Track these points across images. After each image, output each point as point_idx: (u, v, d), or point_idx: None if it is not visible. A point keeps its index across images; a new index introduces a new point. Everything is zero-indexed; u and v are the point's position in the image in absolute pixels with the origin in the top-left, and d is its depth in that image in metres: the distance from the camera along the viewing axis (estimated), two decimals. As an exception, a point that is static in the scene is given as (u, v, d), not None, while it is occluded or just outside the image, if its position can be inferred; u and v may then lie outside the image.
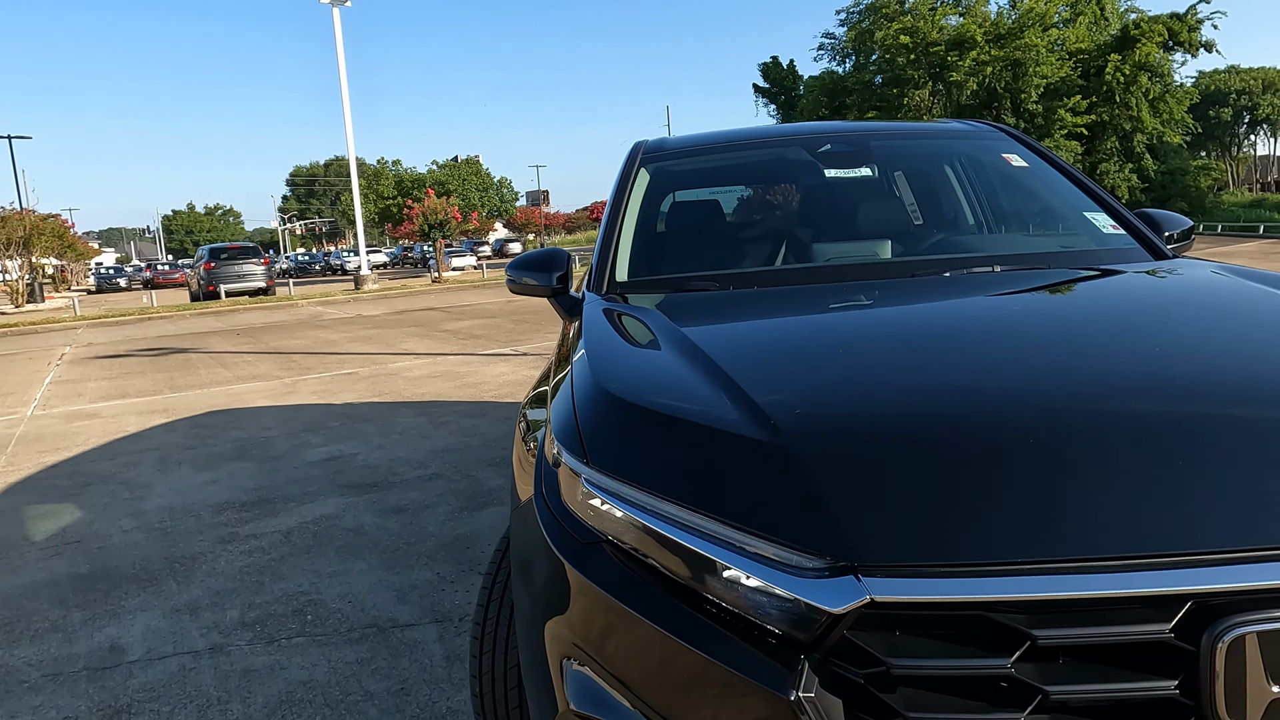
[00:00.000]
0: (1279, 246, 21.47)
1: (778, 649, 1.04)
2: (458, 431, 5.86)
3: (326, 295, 22.55)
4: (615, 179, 2.81)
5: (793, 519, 1.07)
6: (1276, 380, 1.28)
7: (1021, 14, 38.76)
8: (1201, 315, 1.64)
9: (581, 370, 1.56)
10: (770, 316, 1.91)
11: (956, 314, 1.82)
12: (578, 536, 1.27)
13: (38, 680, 2.73)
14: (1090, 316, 1.72)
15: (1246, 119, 79.98)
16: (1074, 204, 2.48)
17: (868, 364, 1.50)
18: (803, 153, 2.73)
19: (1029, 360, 1.46)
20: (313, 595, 3.26)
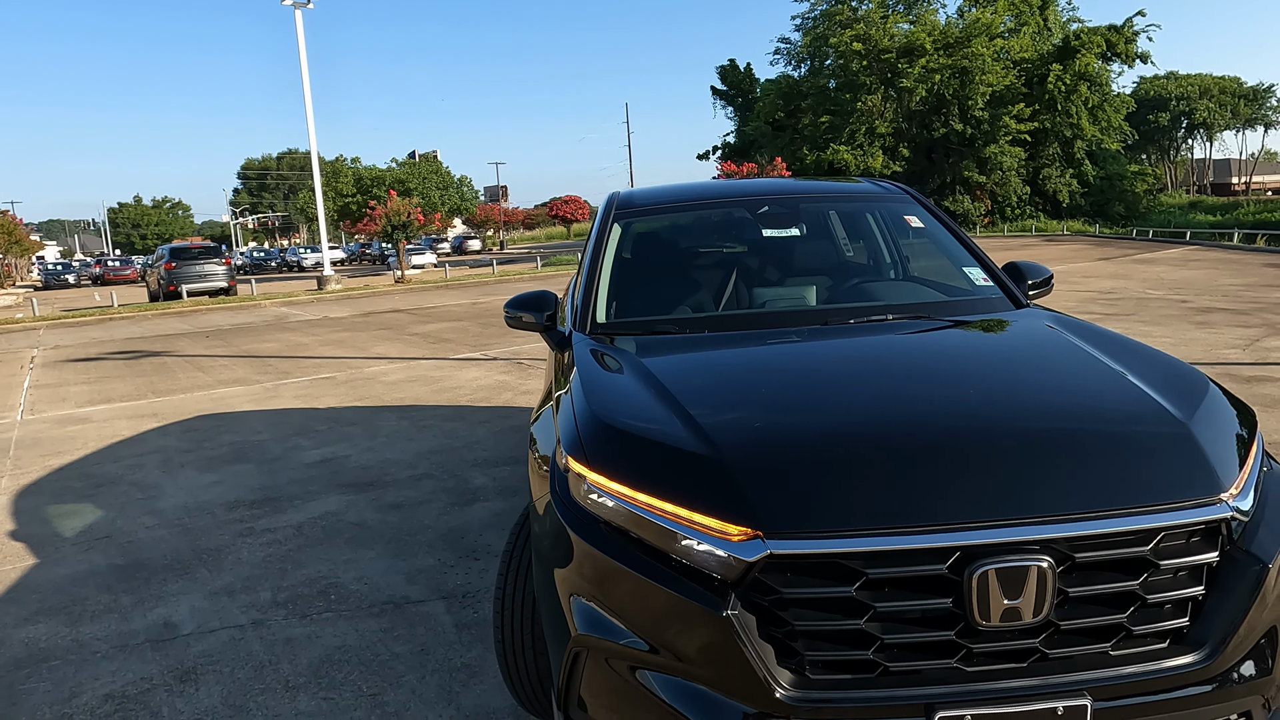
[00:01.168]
0: (1199, 254, 22.85)
1: (716, 586, 1.67)
2: (440, 435, 6.40)
3: (290, 295, 22.69)
4: (594, 229, 3.41)
5: (723, 505, 1.70)
6: (1015, 413, 1.96)
7: (969, 23, 40.18)
8: (999, 359, 2.33)
9: (579, 399, 2.17)
10: (712, 354, 2.54)
11: (853, 355, 2.47)
12: (583, 519, 1.88)
13: (108, 651, 3.24)
14: (944, 360, 2.39)
15: (1184, 124, 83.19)
16: (957, 259, 3.17)
17: (783, 393, 2.15)
18: (745, 214, 3.39)
19: (893, 389, 2.12)
20: (332, 579, 3.81)
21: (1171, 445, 1.80)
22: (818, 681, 1.63)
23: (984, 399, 2.04)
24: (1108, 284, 15.18)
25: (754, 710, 1.63)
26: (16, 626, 3.50)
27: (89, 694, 2.93)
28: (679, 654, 1.69)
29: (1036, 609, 1.60)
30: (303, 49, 23.15)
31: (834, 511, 1.65)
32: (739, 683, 1.63)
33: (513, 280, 25.35)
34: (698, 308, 3.05)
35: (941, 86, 39.79)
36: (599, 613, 1.80)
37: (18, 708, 2.87)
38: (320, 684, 2.91)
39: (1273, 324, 9.66)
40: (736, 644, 1.62)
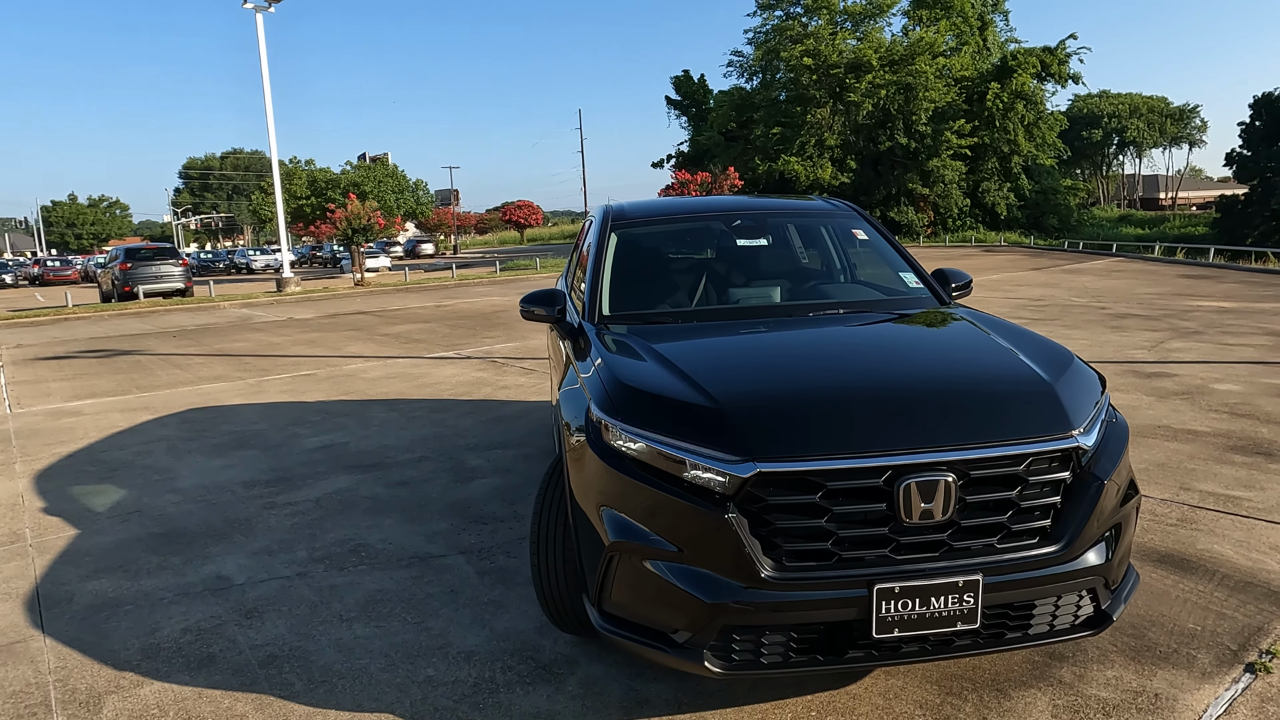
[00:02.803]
0: (1123, 265, 24.39)
1: (718, 499, 2.30)
2: (429, 424, 6.92)
3: (249, 297, 22.72)
4: (593, 238, 4.03)
5: (723, 441, 2.33)
6: (931, 378, 2.65)
7: (913, 41, 41.79)
8: (924, 342, 3.03)
9: (604, 370, 2.79)
10: (704, 338, 3.18)
11: (812, 337, 3.14)
12: (614, 457, 2.49)
13: (173, 598, 3.74)
14: (881, 340, 3.09)
15: (1115, 141, 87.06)
16: (894, 265, 3.87)
17: (761, 364, 2.81)
18: (722, 226, 4.06)
19: (841, 359, 2.80)
20: (359, 540, 4.34)
21: (1040, 399, 2.50)
22: (791, 566, 2.28)
23: (909, 367, 2.73)
24: (1038, 292, 16.31)
25: (746, 585, 2.26)
26: (81, 582, 3.96)
27: (168, 629, 3.43)
28: (690, 548, 2.32)
29: (944, 511, 2.28)
30: (263, 52, 23.22)
31: (803, 442, 2.31)
32: (735, 567, 2.27)
33: (472, 284, 25.74)
34: (685, 302, 3.70)
35: (887, 101, 41.33)
36: (629, 523, 2.42)
37: (107, 641, 3.35)
38: (369, 616, 3.46)
39: (1177, 328, 10.72)
40: (735, 538, 2.26)
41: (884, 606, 2.25)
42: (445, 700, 2.80)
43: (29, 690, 2.99)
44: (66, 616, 3.58)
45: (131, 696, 2.92)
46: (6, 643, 3.37)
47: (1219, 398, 6.62)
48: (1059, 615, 2.44)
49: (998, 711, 2.59)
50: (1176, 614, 3.14)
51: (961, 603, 2.28)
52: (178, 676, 3.04)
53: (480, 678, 2.93)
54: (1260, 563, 3.57)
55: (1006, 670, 2.81)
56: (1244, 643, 2.93)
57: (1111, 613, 2.49)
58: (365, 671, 3.02)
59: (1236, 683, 2.69)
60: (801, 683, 2.78)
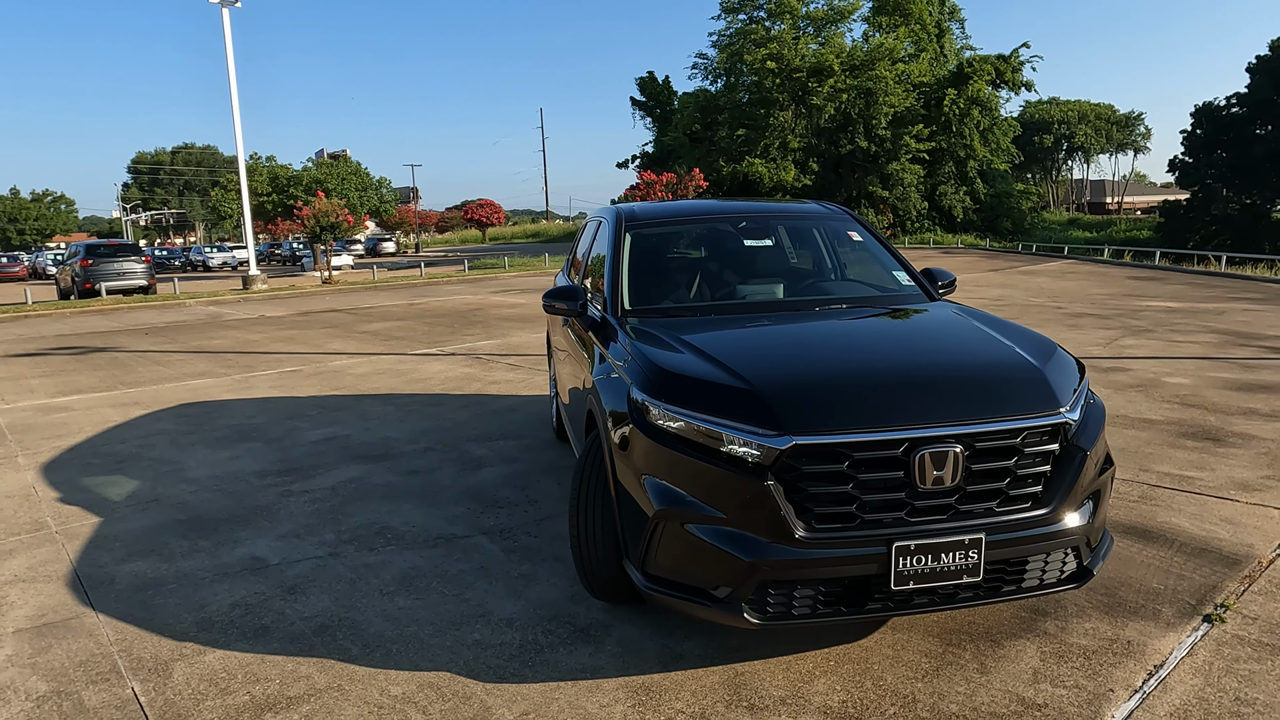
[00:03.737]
0: (1075, 267, 25.35)
1: (756, 468, 2.60)
2: (427, 418, 7.12)
3: (215, 295, 22.46)
4: (607, 238, 4.30)
5: (761, 417, 2.63)
6: (937, 363, 2.99)
7: (873, 47, 42.67)
8: (924, 332, 3.38)
9: (641, 358, 3.07)
10: (725, 329, 3.48)
11: (824, 329, 3.47)
12: (658, 434, 2.78)
13: (213, 578, 3.93)
14: (887, 331, 3.43)
15: (1065, 146, 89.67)
16: (887, 265, 4.22)
17: (784, 351, 3.12)
18: (728, 227, 4.37)
19: (855, 347, 3.13)
20: (382, 524, 4.56)
21: (1032, 381, 2.85)
22: (821, 527, 2.59)
23: (917, 354, 3.08)
24: (996, 292, 16.96)
25: (781, 545, 2.57)
26: (117, 564, 4.12)
27: (215, 604, 3.63)
28: (732, 513, 2.62)
29: (952, 479, 2.61)
30: (229, 48, 22.95)
31: (832, 418, 2.62)
32: (772, 529, 2.58)
33: (442, 283, 25.74)
34: (699, 298, 4.00)
35: (848, 106, 42.16)
36: (674, 493, 2.71)
37: (159, 616, 3.54)
38: (408, 590, 3.69)
39: (1129, 326, 11.34)
40: (773, 503, 2.56)
41: (901, 562, 2.57)
42: (496, 660, 3.06)
43: (96, 659, 3.18)
44: (112, 595, 3.75)
45: (197, 663, 3.12)
46: (60, 619, 3.54)
47: (1170, 390, 7.13)
48: (1048, 570, 2.79)
49: (994, 658, 2.94)
50: (1142, 576, 3.53)
51: (967, 558, 2.61)
52: (237, 645, 3.25)
53: (524, 640, 3.20)
54: (1212, 533, 3.99)
55: (998, 624, 3.16)
56: (1201, 599, 3.32)
57: (1092, 568, 2.85)
58: (416, 637, 3.26)
59: (1196, 631, 3.08)
60: (818, 637, 3.10)
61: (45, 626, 3.47)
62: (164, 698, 2.89)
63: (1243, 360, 8.57)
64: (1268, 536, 3.92)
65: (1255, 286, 18.35)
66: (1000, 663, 2.91)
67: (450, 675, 2.97)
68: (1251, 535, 3.94)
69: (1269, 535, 3.94)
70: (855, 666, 2.92)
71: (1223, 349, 9.31)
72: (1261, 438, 5.60)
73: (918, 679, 2.83)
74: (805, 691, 2.78)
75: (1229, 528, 4.04)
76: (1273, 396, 6.81)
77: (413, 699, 2.83)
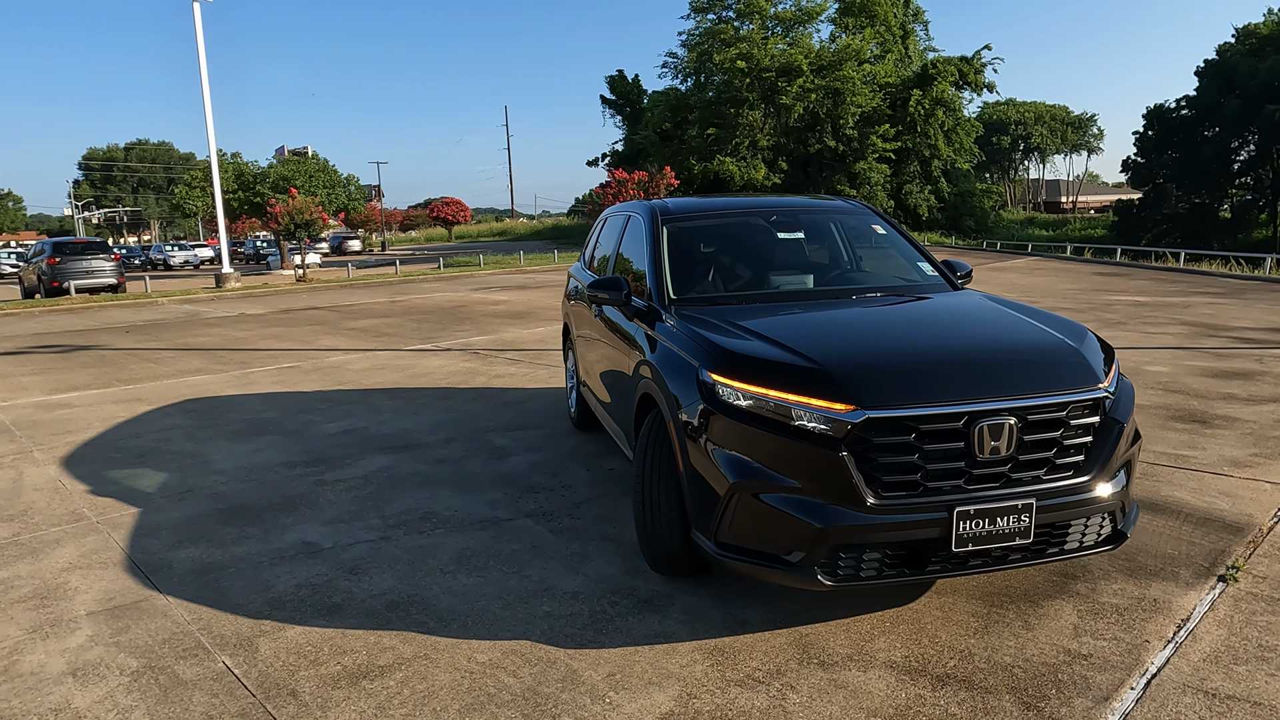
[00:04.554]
0: (1041, 264, 26.12)
1: (829, 439, 2.80)
2: (440, 410, 7.22)
3: (188, 293, 22.13)
4: (644, 232, 4.48)
5: (832, 393, 2.84)
6: (986, 344, 3.23)
7: (840, 48, 43.33)
8: (965, 317, 3.62)
9: (704, 341, 3.26)
10: (774, 315, 3.68)
11: (867, 314, 3.69)
12: (731, 410, 2.97)
13: (270, 562, 4.03)
14: (928, 314, 3.66)
15: (1021, 146, 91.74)
16: (910, 257, 4.47)
17: (839, 333, 3.34)
18: (760, 221, 4.58)
19: (905, 330, 3.36)
20: (425, 509, 4.68)
21: (1073, 359, 3.10)
22: (888, 495, 2.81)
23: (965, 336, 3.32)
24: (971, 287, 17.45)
25: (853, 511, 2.78)
26: (170, 551, 4.20)
27: (281, 585, 3.74)
28: (807, 482, 2.82)
29: (1007, 449, 2.84)
30: (201, 44, 22.57)
31: (900, 393, 2.83)
32: (844, 496, 2.78)
33: (418, 280, 25.65)
34: (739, 287, 4.20)
35: (816, 105, 42.77)
36: (750, 465, 2.91)
37: (229, 597, 3.64)
38: (467, 569, 3.84)
39: (1104, 319, 11.81)
40: (846, 472, 2.77)
41: (961, 526, 2.80)
42: (569, 628, 3.23)
43: (179, 637, 3.28)
44: (175, 579, 3.84)
45: (280, 638, 3.24)
46: (129, 602, 3.62)
47: (1152, 377, 7.51)
48: (1087, 533, 3.03)
49: (1035, 616, 3.18)
50: (1157, 544, 3.81)
51: (1019, 522, 2.84)
52: (314, 621, 3.37)
53: (593, 611, 3.37)
54: (1214, 504, 4.30)
55: (1033, 587, 3.41)
56: (1214, 561, 3.61)
57: (1125, 531, 3.10)
58: (487, 610, 3.41)
59: (1214, 589, 3.36)
60: (870, 601, 3.32)
61: (117, 609, 3.55)
62: (257, 670, 3.01)
63: (1214, 350, 9.02)
64: (1264, 507, 4.24)
65: (1214, 281, 19.11)
66: (1042, 620, 3.15)
67: (530, 643, 3.13)
68: (1249, 506, 4.26)
69: (1265, 505, 4.25)
70: (910, 626, 3.14)
71: (1194, 339, 9.78)
72: (1244, 420, 5.97)
73: (970, 635, 3.06)
74: (869, 649, 2.99)
75: (1228, 500, 4.35)
76: (1248, 383, 7.22)
77: (500, 665, 2.98)
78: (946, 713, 2.60)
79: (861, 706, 2.65)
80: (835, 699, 2.70)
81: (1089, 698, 2.65)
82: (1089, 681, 2.73)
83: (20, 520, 4.71)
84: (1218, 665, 2.81)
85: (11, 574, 3.96)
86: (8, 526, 4.62)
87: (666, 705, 2.70)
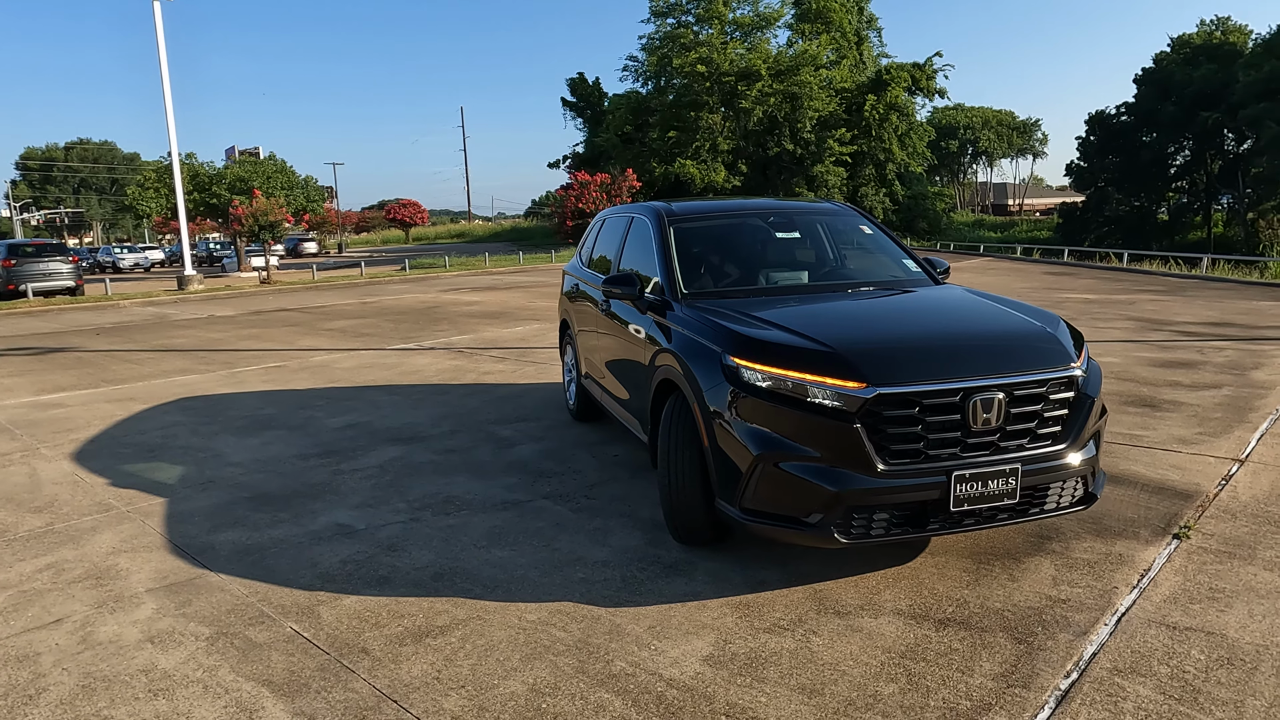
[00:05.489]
0: (993, 264, 27.13)
1: (843, 413, 3.18)
2: (438, 405, 7.46)
3: (149, 295, 21.82)
4: (652, 232, 4.82)
5: (846, 373, 3.21)
6: (977, 330, 3.65)
7: (798, 53, 44.19)
8: (953, 307, 4.04)
9: (725, 329, 3.61)
10: (783, 307, 4.05)
11: (867, 305, 4.09)
12: (755, 390, 3.33)
13: (309, 542, 4.27)
14: (919, 305, 4.07)
15: (970, 150, 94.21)
16: (895, 255, 4.89)
17: (845, 321, 3.73)
18: (759, 222, 4.97)
19: (903, 319, 3.76)
20: (445, 494, 4.96)
21: (1051, 343, 3.53)
22: (894, 462, 3.19)
23: (956, 323, 3.73)
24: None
25: (865, 476, 3.16)
26: (209, 535, 4.41)
27: (326, 562, 3.99)
28: (826, 452, 3.19)
29: (997, 421, 3.25)
30: (162, 45, 22.25)
31: (906, 372, 3.22)
32: (857, 464, 3.16)
33: (384, 282, 25.62)
34: (744, 281, 4.57)
35: (775, 109, 43.58)
36: (774, 438, 3.27)
37: (279, 573, 3.89)
38: (499, 543, 4.14)
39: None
40: (859, 442, 3.15)
41: (958, 488, 3.20)
42: (606, 590, 3.56)
43: (242, 607, 3.52)
44: (222, 559, 4.07)
45: (338, 606, 3.51)
46: (184, 579, 3.85)
47: (1106, 367, 8.08)
48: (1063, 495, 3.46)
49: (1018, 570, 3.60)
50: (1119, 509, 4.28)
51: (1007, 484, 3.26)
52: (367, 591, 3.65)
53: (624, 575, 3.70)
54: (1166, 476, 4.79)
55: (1015, 547, 3.84)
56: (1168, 523, 4.08)
57: (1096, 493, 3.54)
58: (527, 578, 3.72)
59: (1169, 545, 3.82)
60: (874, 559, 3.71)
61: (173, 586, 3.78)
62: (325, 632, 3.28)
63: (1159, 342, 9.69)
64: (1210, 477, 4.75)
65: (1155, 280, 20.14)
66: (1024, 573, 3.57)
67: (572, 604, 3.45)
68: (1197, 476, 4.76)
69: (1210, 476, 4.76)
70: (911, 581, 3.53)
71: (1140, 334, 10.46)
72: (1188, 404, 6.53)
73: (963, 587, 3.46)
74: (877, 600, 3.38)
75: (1178, 472, 4.86)
76: (1190, 371, 7.84)
77: (549, 622, 3.30)
78: (950, 648, 2.99)
79: (877, 646, 3.03)
80: (853, 640, 3.07)
81: (1070, 632, 3.07)
82: (1069, 620, 3.15)
83: (49, 511, 4.87)
84: (1176, 605, 3.26)
85: (59, 558, 4.14)
86: (39, 516, 4.77)
87: (706, 650, 3.04)
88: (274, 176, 37.71)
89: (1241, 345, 9.44)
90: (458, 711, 2.72)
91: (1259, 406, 6.38)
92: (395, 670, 2.98)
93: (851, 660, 2.94)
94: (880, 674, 2.85)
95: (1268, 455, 5.14)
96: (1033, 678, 2.79)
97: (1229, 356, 8.65)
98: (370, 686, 2.89)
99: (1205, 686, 2.71)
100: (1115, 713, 2.58)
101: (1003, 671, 2.83)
